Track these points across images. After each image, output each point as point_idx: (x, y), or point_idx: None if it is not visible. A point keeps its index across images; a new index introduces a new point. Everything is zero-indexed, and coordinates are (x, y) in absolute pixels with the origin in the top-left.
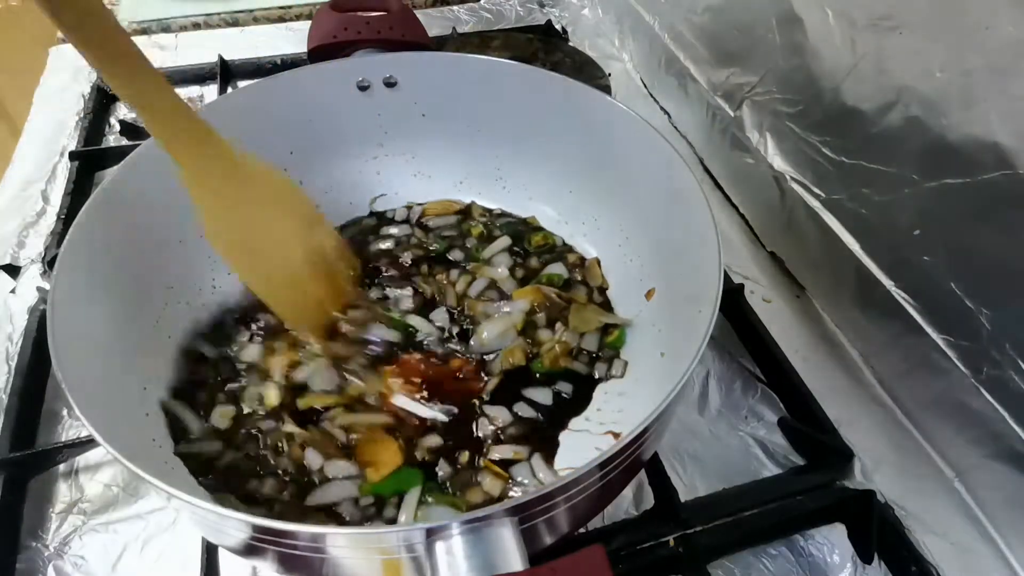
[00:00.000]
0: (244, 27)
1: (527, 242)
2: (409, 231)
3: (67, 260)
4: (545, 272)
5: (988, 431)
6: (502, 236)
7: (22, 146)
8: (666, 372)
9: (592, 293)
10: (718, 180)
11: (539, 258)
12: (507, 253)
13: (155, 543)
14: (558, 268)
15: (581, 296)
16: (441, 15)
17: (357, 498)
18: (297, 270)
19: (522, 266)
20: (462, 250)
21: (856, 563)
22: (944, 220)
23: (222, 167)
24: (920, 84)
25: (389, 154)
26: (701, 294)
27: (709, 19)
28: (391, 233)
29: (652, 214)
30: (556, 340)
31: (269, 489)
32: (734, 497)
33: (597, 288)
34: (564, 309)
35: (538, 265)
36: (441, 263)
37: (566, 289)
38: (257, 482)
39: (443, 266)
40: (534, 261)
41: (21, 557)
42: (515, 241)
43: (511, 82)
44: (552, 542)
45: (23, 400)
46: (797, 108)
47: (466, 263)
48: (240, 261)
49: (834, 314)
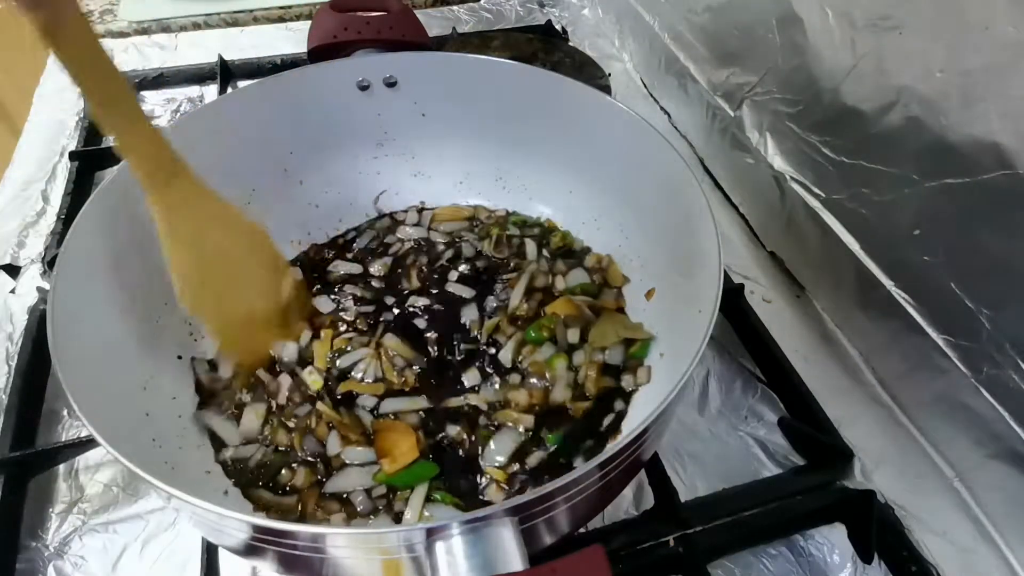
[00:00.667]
0: (244, 27)
1: (548, 243)
2: (425, 233)
3: (67, 260)
4: (569, 283)
5: (988, 431)
6: (528, 240)
7: (22, 146)
8: (666, 372)
9: (617, 296)
10: (718, 180)
11: (564, 261)
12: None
13: (155, 543)
14: (581, 275)
15: (610, 302)
16: (441, 15)
17: (371, 488)
18: (254, 316)
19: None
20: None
21: (856, 563)
22: (944, 220)
23: (193, 208)
24: (920, 84)
25: (389, 154)
26: (701, 294)
27: (709, 19)
28: (409, 235)
29: (652, 214)
30: (587, 362)
31: (297, 479)
32: (734, 497)
33: (617, 290)
34: (591, 321)
35: (564, 268)
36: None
37: (595, 296)
38: (288, 472)
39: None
40: (560, 264)
41: (21, 557)
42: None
43: (511, 82)
44: (552, 542)
45: (23, 400)
46: (797, 108)
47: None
48: (200, 303)
49: (834, 314)
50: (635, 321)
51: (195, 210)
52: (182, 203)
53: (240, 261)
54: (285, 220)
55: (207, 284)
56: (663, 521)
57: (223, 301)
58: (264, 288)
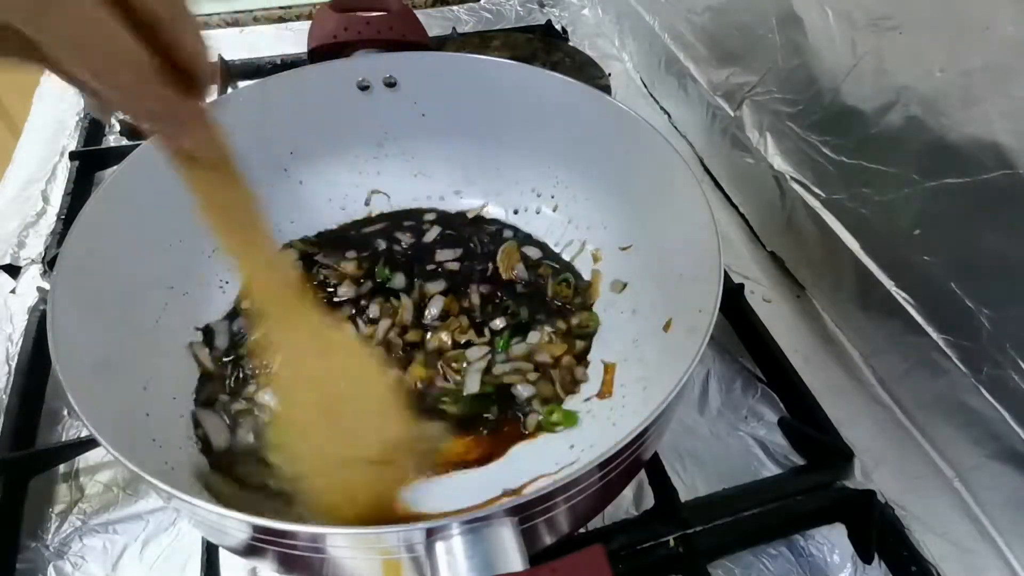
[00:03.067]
0: (244, 27)
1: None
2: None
3: (67, 260)
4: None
5: (988, 431)
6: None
7: (22, 146)
8: (666, 372)
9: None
10: (718, 180)
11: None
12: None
13: (155, 543)
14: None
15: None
16: (441, 15)
17: None
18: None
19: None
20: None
21: (856, 563)
22: (944, 220)
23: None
24: (920, 84)
25: (389, 154)
26: (701, 294)
27: (709, 19)
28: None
29: (652, 214)
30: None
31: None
32: (734, 497)
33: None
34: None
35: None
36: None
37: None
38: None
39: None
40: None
41: (21, 557)
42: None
43: (511, 82)
44: (552, 542)
45: (23, 400)
46: (797, 108)
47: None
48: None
49: (834, 314)
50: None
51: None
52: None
53: (363, 403)
54: (285, 220)
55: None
56: (663, 521)
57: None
58: (382, 431)
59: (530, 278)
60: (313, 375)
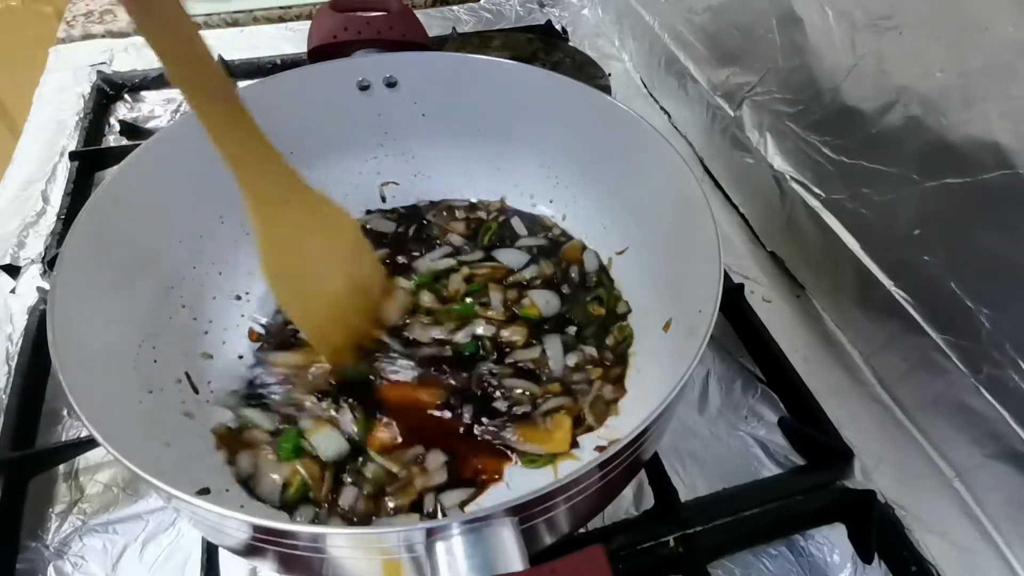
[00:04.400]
0: (244, 27)
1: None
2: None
3: (67, 260)
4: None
5: (988, 431)
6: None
7: (22, 146)
8: (666, 372)
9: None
10: (718, 180)
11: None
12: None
13: (155, 543)
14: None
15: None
16: (441, 15)
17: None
18: (341, 302)
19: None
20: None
21: (856, 563)
22: (944, 220)
23: (283, 192)
24: (920, 84)
25: (389, 154)
26: (701, 294)
27: (709, 19)
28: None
29: (652, 213)
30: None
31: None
32: (734, 497)
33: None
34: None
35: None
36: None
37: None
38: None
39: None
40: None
41: (21, 557)
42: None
43: (511, 82)
44: (552, 542)
45: (23, 400)
46: (797, 108)
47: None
48: (287, 291)
49: (834, 314)
50: (635, 324)
51: (301, 221)
52: (277, 190)
53: (333, 246)
54: None
55: (300, 277)
56: (663, 521)
57: (316, 294)
58: (351, 272)
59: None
60: (295, 238)
